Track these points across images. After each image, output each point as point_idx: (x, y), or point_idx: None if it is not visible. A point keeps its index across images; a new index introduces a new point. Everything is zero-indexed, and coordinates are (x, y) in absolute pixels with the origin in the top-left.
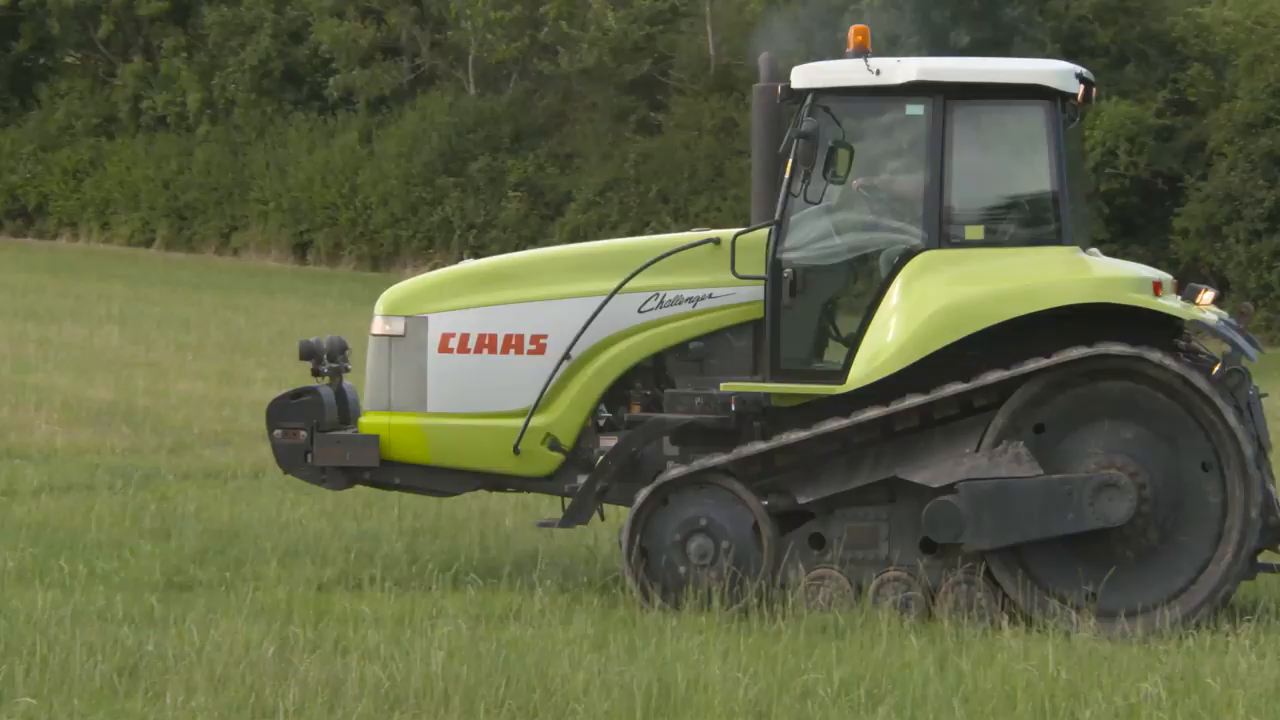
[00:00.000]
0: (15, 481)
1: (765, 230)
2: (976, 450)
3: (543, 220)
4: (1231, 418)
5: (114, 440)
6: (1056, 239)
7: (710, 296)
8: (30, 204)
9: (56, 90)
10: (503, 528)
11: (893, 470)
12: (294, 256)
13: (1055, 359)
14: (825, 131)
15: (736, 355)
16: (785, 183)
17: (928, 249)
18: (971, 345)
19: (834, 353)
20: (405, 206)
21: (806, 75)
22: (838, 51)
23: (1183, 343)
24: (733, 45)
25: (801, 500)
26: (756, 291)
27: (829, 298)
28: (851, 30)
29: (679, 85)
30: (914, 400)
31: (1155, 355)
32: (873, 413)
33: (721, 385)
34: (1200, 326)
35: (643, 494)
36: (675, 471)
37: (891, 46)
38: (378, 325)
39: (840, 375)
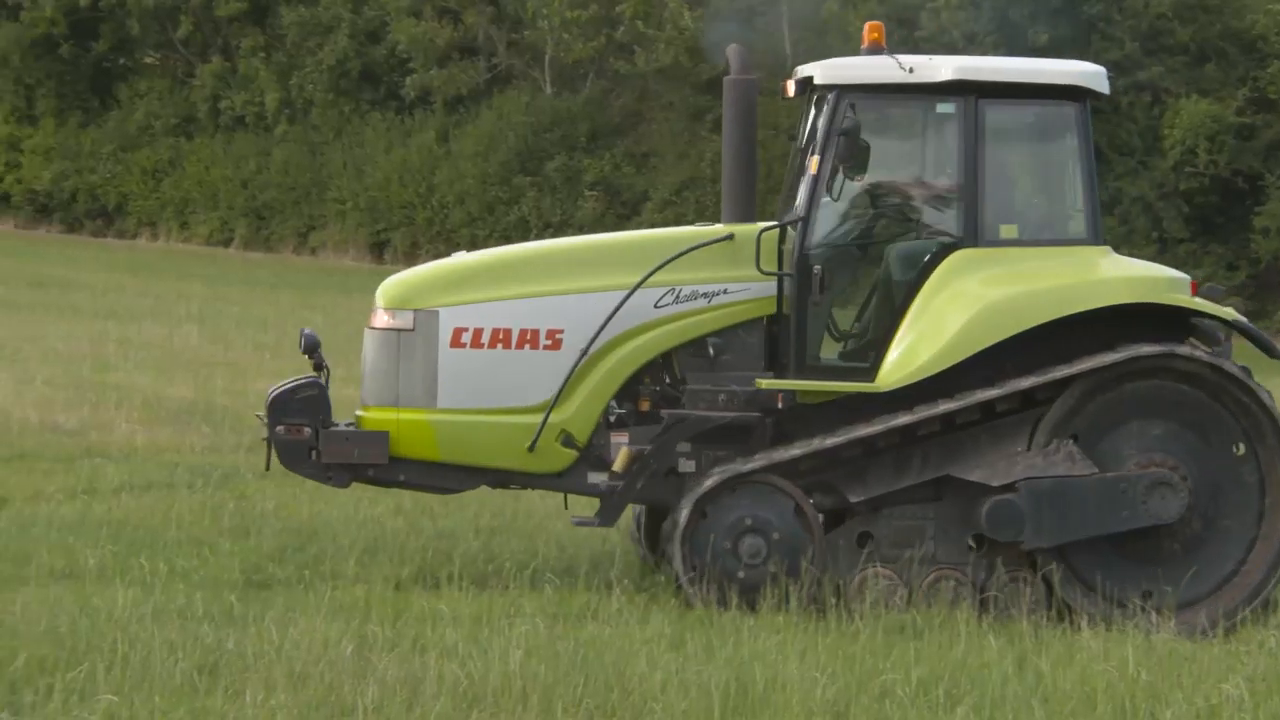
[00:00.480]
0: (96, 480)
1: (782, 226)
2: (1028, 449)
3: (619, 219)
4: (1265, 398)
5: (193, 439)
6: (1089, 239)
7: (725, 292)
8: (110, 204)
9: (136, 90)
10: (579, 527)
11: (945, 469)
12: (371, 256)
13: (1121, 354)
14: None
15: (748, 351)
16: (812, 178)
17: (963, 247)
18: (999, 343)
19: (862, 350)
20: (482, 206)
21: (832, 71)
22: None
23: (1193, 339)
24: (809, 44)
25: (854, 499)
26: (769, 287)
27: (858, 293)
28: (867, 27)
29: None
30: (981, 395)
31: (1184, 350)
32: (942, 408)
33: (758, 382)
34: (1237, 327)
35: (689, 503)
36: (735, 468)
37: (969, 45)
38: (381, 318)
39: (869, 373)
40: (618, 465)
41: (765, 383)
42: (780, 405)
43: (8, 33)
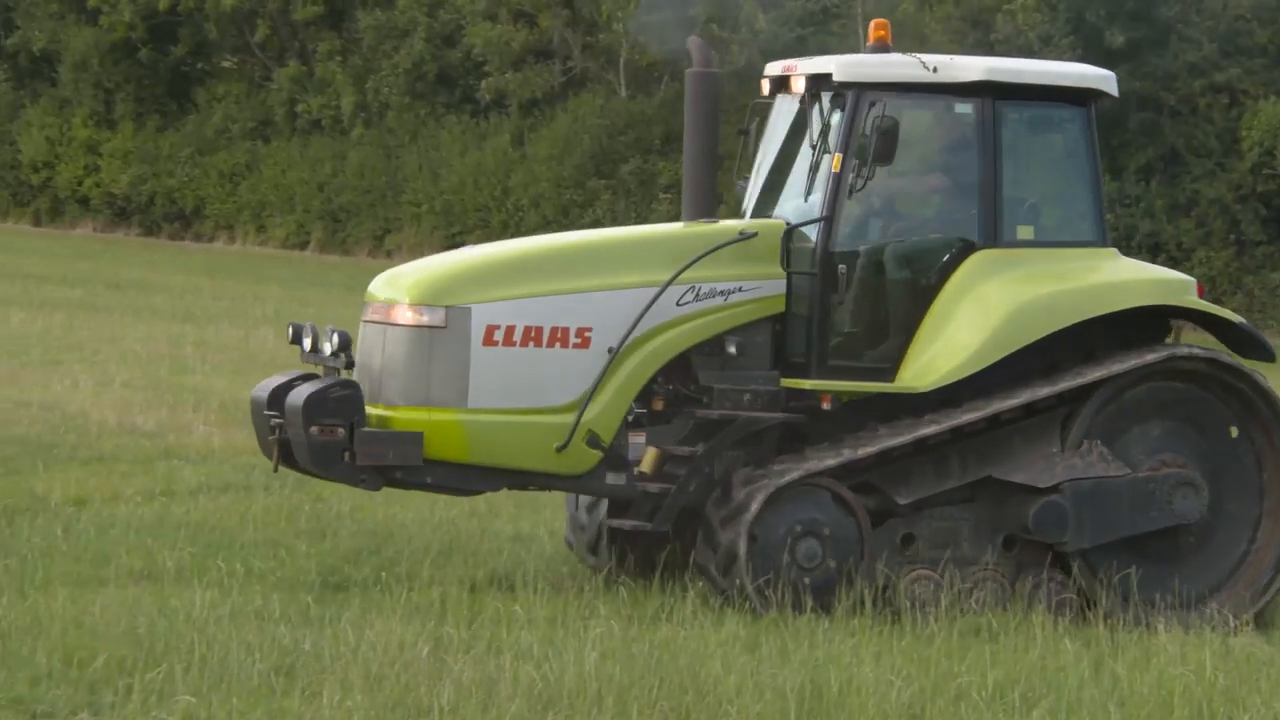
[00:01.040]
0: (173, 482)
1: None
2: (1062, 449)
3: None
4: (1259, 379)
5: None
6: (1097, 241)
7: (740, 290)
8: (188, 207)
9: (213, 94)
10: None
11: (985, 470)
12: None
13: (1160, 354)
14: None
15: (757, 350)
16: (835, 177)
17: (982, 248)
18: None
19: (880, 350)
20: (556, 209)
21: (851, 69)
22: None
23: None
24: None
25: (902, 501)
26: (779, 285)
27: (877, 293)
28: (872, 25)
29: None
30: (1024, 398)
31: (1185, 350)
32: (993, 408)
33: (783, 382)
34: (1243, 330)
35: (760, 498)
36: (814, 465)
37: (1044, 46)
38: (407, 314)
39: (888, 373)
40: (645, 466)
41: (806, 383)
42: (828, 406)
43: (87, 37)
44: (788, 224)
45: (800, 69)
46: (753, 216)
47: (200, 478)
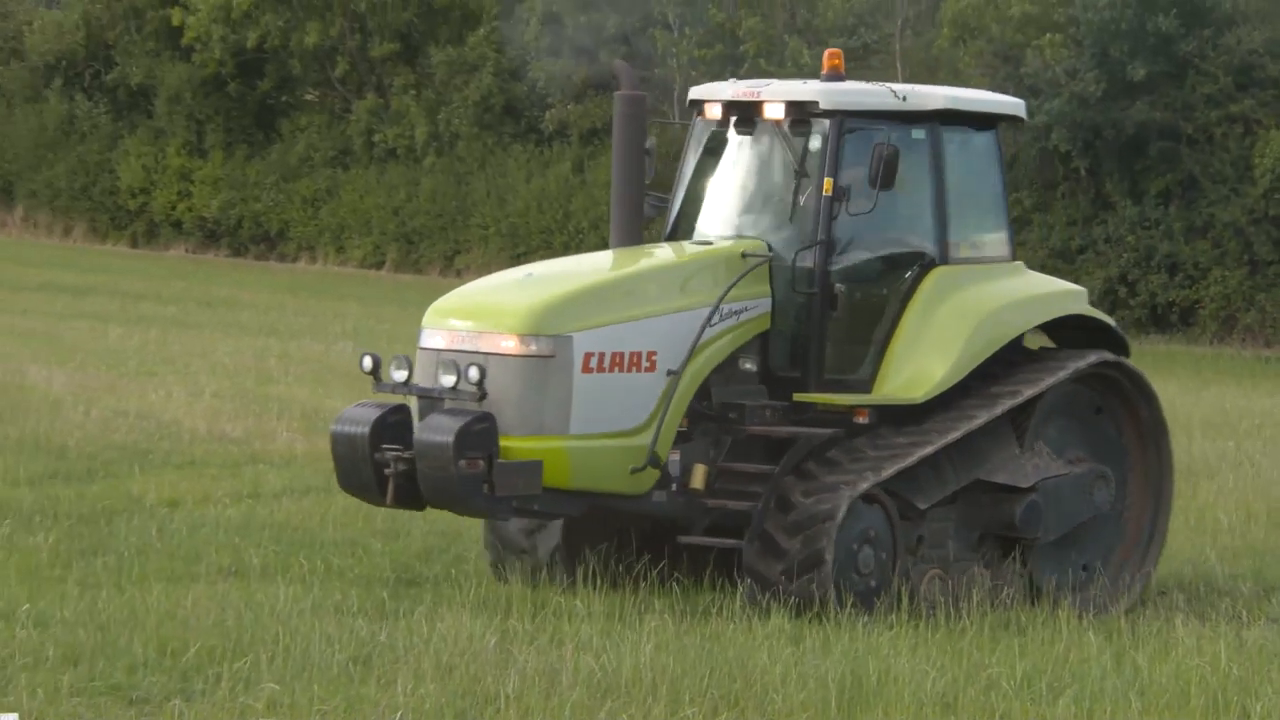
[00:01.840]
0: (259, 485)
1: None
2: (1020, 450)
3: None
4: (1141, 374)
5: None
6: (1010, 256)
7: (746, 310)
8: (272, 229)
9: (297, 125)
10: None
11: (974, 473)
12: None
13: (1089, 359)
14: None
15: (761, 366)
16: (828, 200)
17: (937, 265)
18: None
19: (867, 363)
20: None
21: (836, 97)
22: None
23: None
24: (920, 80)
25: (921, 506)
26: (768, 304)
27: (860, 310)
28: (826, 54)
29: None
30: (1008, 403)
31: (1110, 356)
32: (986, 414)
33: (809, 397)
34: (1114, 330)
35: (844, 507)
36: (881, 474)
37: (1070, 79)
38: (515, 345)
39: (868, 384)
40: (697, 483)
41: (819, 398)
42: (865, 420)
43: (180, 73)
44: (768, 245)
45: (769, 94)
46: (690, 237)
47: (284, 481)
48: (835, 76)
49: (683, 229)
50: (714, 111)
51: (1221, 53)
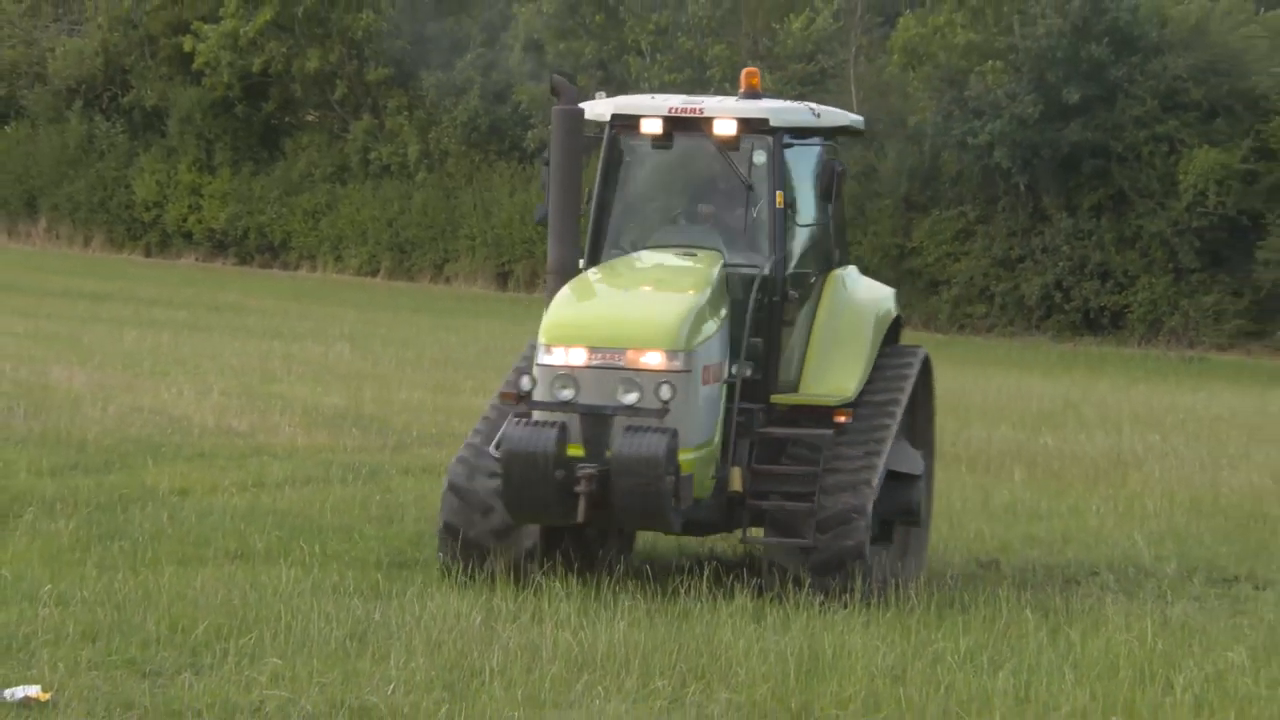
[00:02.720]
0: (263, 475)
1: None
2: (902, 440)
3: None
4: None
5: (345, 440)
6: (846, 260)
7: (721, 317)
8: (276, 240)
9: (298, 144)
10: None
11: (890, 464)
12: (497, 284)
13: (924, 352)
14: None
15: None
16: (780, 213)
17: (833, 269)
18: None
19: (794, 365)
20: None
21: (782, 115)
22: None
23: None
24: (873, 103)
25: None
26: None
27: (792, 315)
28: (744, 73)
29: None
30: (907, 394)
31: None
32: (904, 399)
33: (776, 399)
34: (900, 320)
35: (870, 503)
36: (880, 469)
37: (1010, 102)
38: (661, 360)
39: (794, 385)
40: (736, 485)
41: (800, 399)
42: (846, 420)
43: (191, 96)
44: (723, 256)
45: (721, 111)
46: (624, 249)
47: (286, 471)
48: (752, 94)
49: (621, 241)
50: (653, 127)
51: (1149, 78)
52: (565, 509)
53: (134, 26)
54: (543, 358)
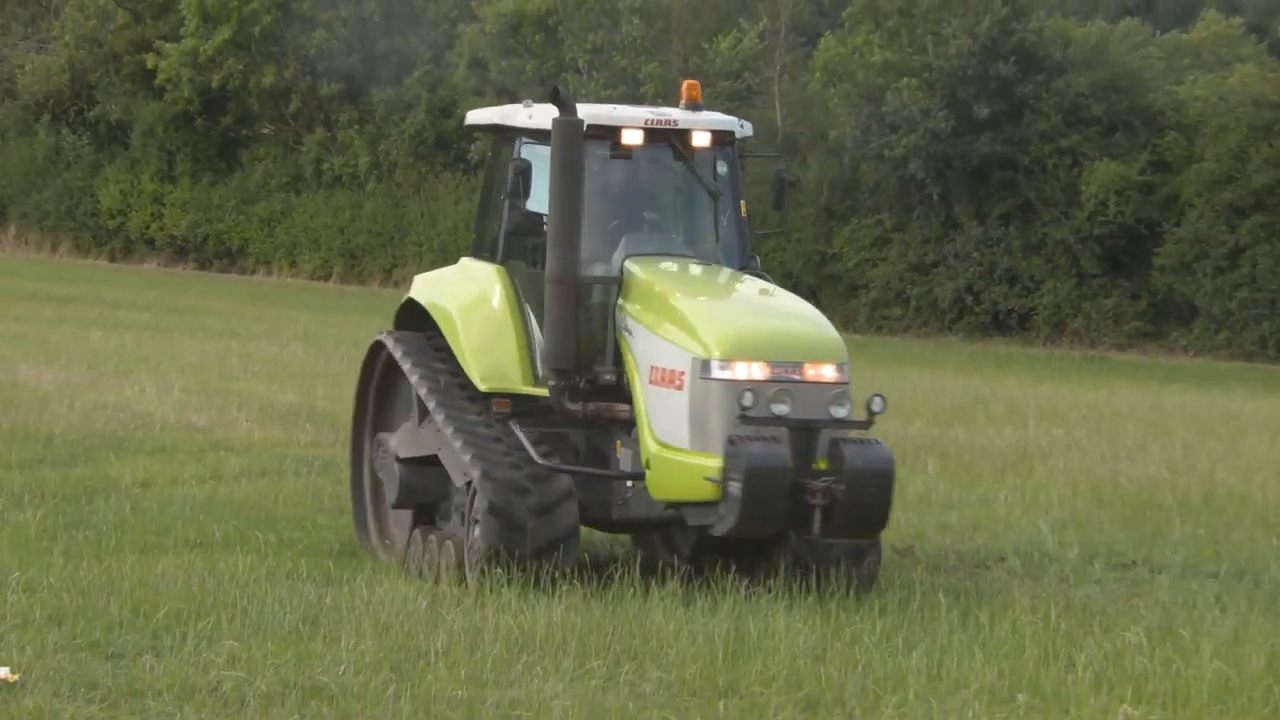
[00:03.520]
0: (221, 468)
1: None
2: None
3: None
4: None
5: (299, 435)
6: None
7: None
8: (234, 246)
9: (255, 155)
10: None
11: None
12: None
13: None
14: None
15: None
16: (746, 219)
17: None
18: None
19: None
20: None
21: (746, 128)
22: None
23: None
24: (796, 117)
25: None
26: None
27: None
28: (686, 84)
29: (751, 150)
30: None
31: None
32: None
33: None
34: None
35: None
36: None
37: (924, 117)
38: (835, 373)
39: None
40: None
41: None
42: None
43: (153, 110)
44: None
45: (688, 123)
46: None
47: (243, 465)
48: (693, 106)
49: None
50: (633, 138)
51: (1053, 95)
52: (801, 520)
53: (99, 45)
54: (718, 372)
